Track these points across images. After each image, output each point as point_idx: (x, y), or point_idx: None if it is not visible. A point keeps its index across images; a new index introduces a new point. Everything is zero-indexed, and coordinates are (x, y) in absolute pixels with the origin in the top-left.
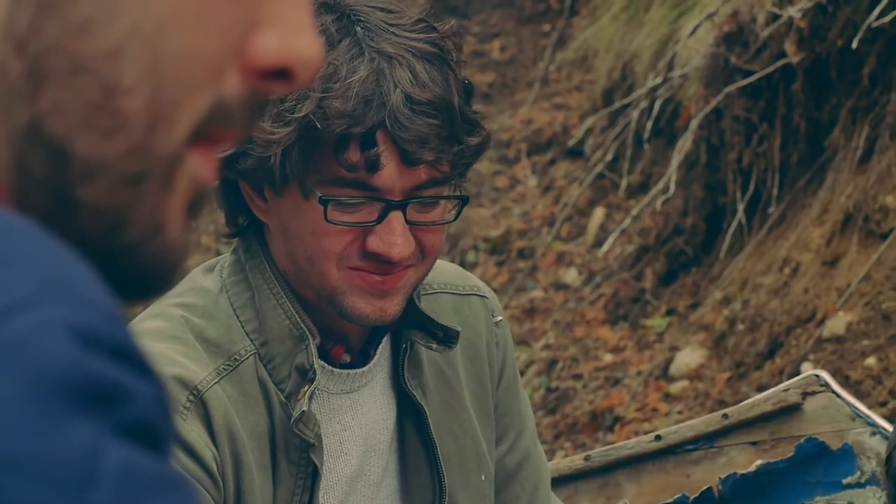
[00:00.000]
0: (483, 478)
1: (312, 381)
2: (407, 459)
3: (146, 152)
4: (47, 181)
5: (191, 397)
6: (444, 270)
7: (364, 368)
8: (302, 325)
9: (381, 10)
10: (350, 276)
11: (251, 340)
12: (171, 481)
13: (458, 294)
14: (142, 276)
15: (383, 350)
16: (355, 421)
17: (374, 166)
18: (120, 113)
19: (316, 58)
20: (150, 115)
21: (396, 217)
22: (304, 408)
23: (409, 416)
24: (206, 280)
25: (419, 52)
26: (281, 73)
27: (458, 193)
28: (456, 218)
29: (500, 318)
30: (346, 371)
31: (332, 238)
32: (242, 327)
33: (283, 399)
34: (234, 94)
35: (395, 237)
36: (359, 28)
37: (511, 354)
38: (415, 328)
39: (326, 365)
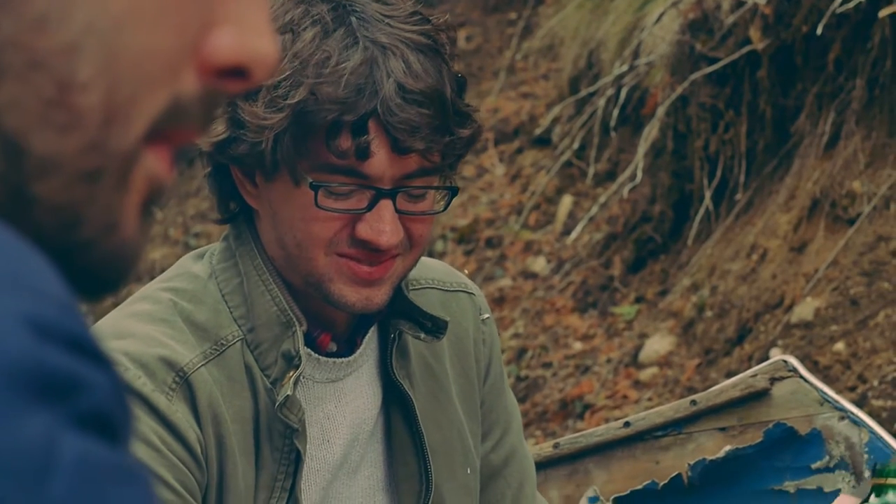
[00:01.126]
0: (469, 471)
1: (298, 366)
2: (393, 449)
3: (102, 149)
4: (2, 176)
5: (177, 378)
6: (433, 267)
7: (350, 358)
8: (289, 311)
9: (376, 1)
10: (338, 264)
11: (238, 326)
12: (128, 472)
13: (446, 290)
14: (96, 273)
15: (370, 340)
16: (339, 410)
17: (364, 154)
18: (75, 109)
19: (273, 57)
20: (105, 111)
21: (386, 205)
22: (289, 392)
23: (396, 406)
24: (195, 266)
25: (413, 42)
26: (237, 72)
27: (447, 184)
28: (445, 209)
29: (487, 315)
30: (333, 360)
31: (322, 224)
32: (230, 313)
33: (269, 385)
34: (191, 92)
35: (384, 225)
36: (353, 18)
37: (497, 352)
38: (403, 318)
39: (312, 353)
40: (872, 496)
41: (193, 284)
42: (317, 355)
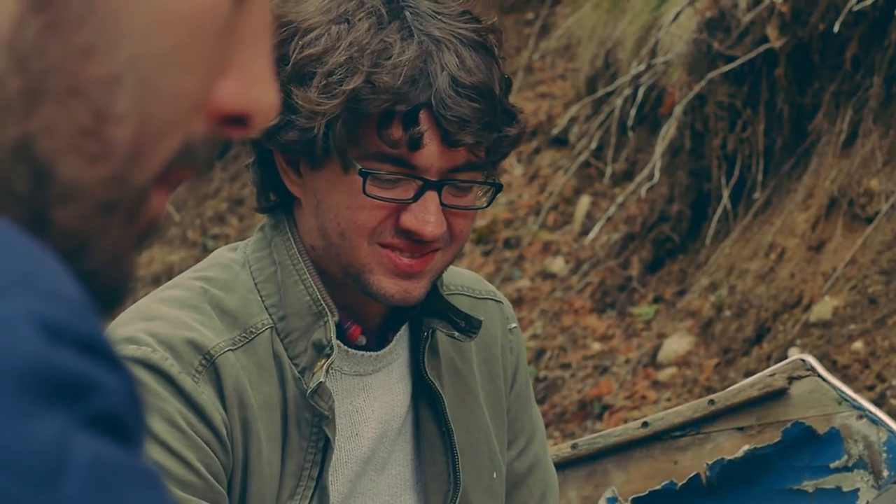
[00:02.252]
0: (495, 475)
1: (329, 355)
2: (422, 448)
3: (123, 183)
4: (27, 198)
5: (203, 361)
6: (463, 275)
7: (379, 352)
8: (322, 301)
9: None
10: (379, 255)
11: (269, 315)
12: (141, 473)
13: (475, 297)
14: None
15: (401, 338)
16: (368, 404)
17: (416, 144)
18: (107, 140)
19: (273, 108)
20: (133, 146)
21: (432, 197)
22: (322, 379)
23: (426, 405)
24: (229, 255)
25: (466, 39)
26: (239, 120)
27: (492, 181)
28: (488, 205)
29: (514, 324)
30: (361, 353)
31: (368, 212)
32: (262, 301)
33: (297, 374)
34: (199, 136)
35: (429, 215)
36: (407, 12)
37: (524, 361)
38: (437, 317)
39: (342, 344)
40: None
41: (226, 274)
42: (346, 347)
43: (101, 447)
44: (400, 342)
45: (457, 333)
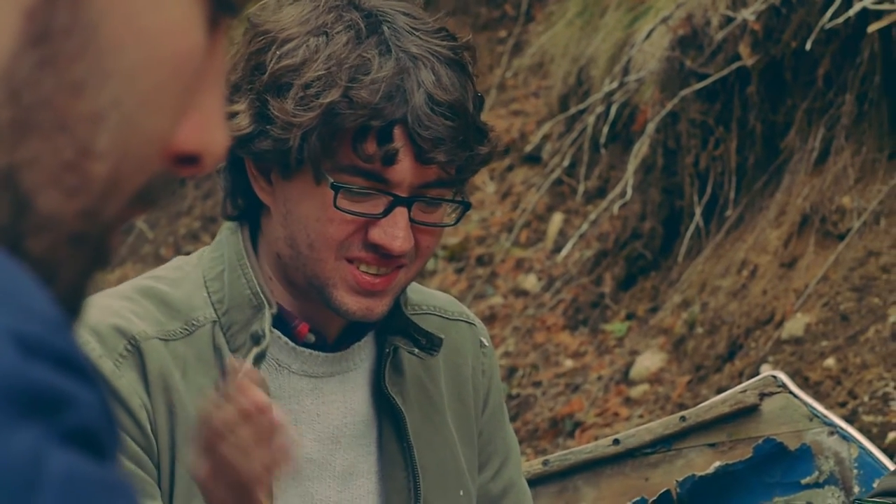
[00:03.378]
0: (461, 493)
1: (259, 342)
2: (382, 463)
3: (95, 217)
4: (5, 226)
5: (128, 346)
6: (437, 296)
7: (331, 354)
8: (261, 294)
9: (405, 14)
10: (344, 271)
11: (215, 310)
12: (114, 487)
13: (447, 318)
14: None
15: (363, 350)
16: (316, 407)
17: (390, 160)
18: (87, 175)
19: (224, 148)
20: (109, 182)
21: (402, 212)
22: (248, 365)
23: (388, 421)
24: (185, 259)
25: (442, 56)
26: (191, 159)
27: (461, 199)
28: (456, 222)
29: (487, 345)
30: (309, 351)
31: (337, 226)
32: (209, 297)
33: None
34: (157, 175)
35: (398, 231)
36: (385, 27)
37: (497, 383)
38: (399, 335)
39: (287, 339)
40: None
41: (176, 273)
42: (293, 344)
43: (75, 461)
44: (361, 354)
45: (417, 350)
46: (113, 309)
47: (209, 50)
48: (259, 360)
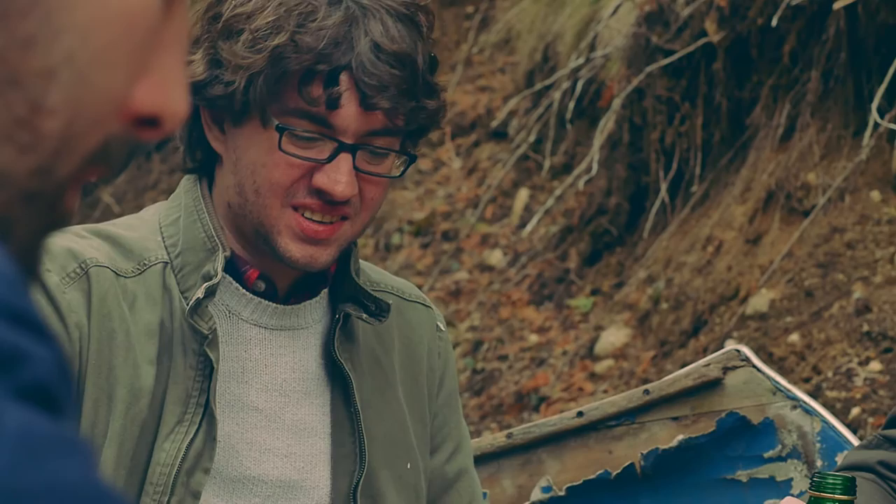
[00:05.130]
0: (409, 466)
1: (211, 279)
2: (333, 429)
3: (48, 174)
4: None
5: (78, 269)
6: (396, 280)
7: (279, 306)
8: (216, 238)
9: None
10: (289, 218)
11: (167, 253)
12: (69, 443)
13: (404, 299)
14: None
15: (318, 316)
16: (264, 359)
17: (334, 104)
18: (39, 132)
19: (184, 112)
20: (61, 140)
21: (346, 158)
22: (199, 295)
23: (338, 386)
24: (147, 208)
25: (393, 10)
26: (151, 122)
27: (407, 151)
28: (401, 175)
29: (444, 330)
30: (258, 299)
31: (282, 170)
32: (163, 241)
33: (186, 307)
34: (115, 136)
35: (341, 176)
36: None
37: (452, 367)
38: (350, 301)
39: (238, 285)
40: None
41: (134, 220)
42: (243, 290)
43: (30, 417)
44: (314, 315)
45: (365, 316)
46: (68, 238)
47: (167, 11)
48: (209, 295)
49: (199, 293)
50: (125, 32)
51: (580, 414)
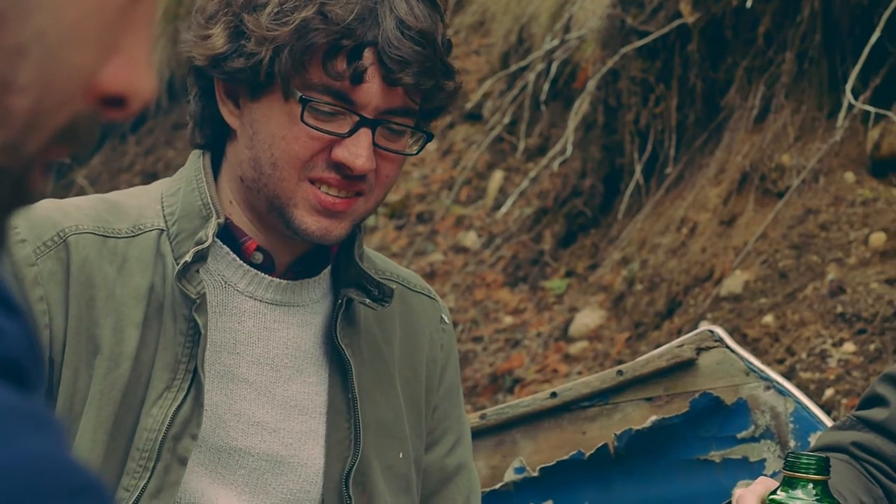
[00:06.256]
0: (401, 455)
1: (202, 244)
2: (329, 413)
3: (15, 151)
4: None
5: (56, 238)
6: (403, 270)
7: (276, 280)
8: (211, 205)
9: None
10: (306, 191)
11: (165, 220)
12: (37, 417)
13: (409, 289)
14: None
15: (317, 296)
16: (257, 332)
17: (358, 78)
18: (8, 108)
19: (150, 92)
20: (30, 116)
21: (366, 133)
22: (188, 259)
23: (336, 370)
24: (152, 183)
25: None
26: (117, 101)
27: (424, 129)
28: (418, 152)
29: (448, 323)
30: (255, 271)
31: (302, 143)
32: (163, 210)
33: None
34: (82, 114)
35: (361, 150)
36: None
37: (455, 360)
38: (353, 286)
39: (235, 255)
40: (780, 491)
41: (138, 190)
42: (240, 261)
43: None
44: (313, 295)
45: (368, 301)
46: (59, 204)
47: None
48: (198, 259)
49: (188, 257)
50: (96, 11)
51: (553, 395)
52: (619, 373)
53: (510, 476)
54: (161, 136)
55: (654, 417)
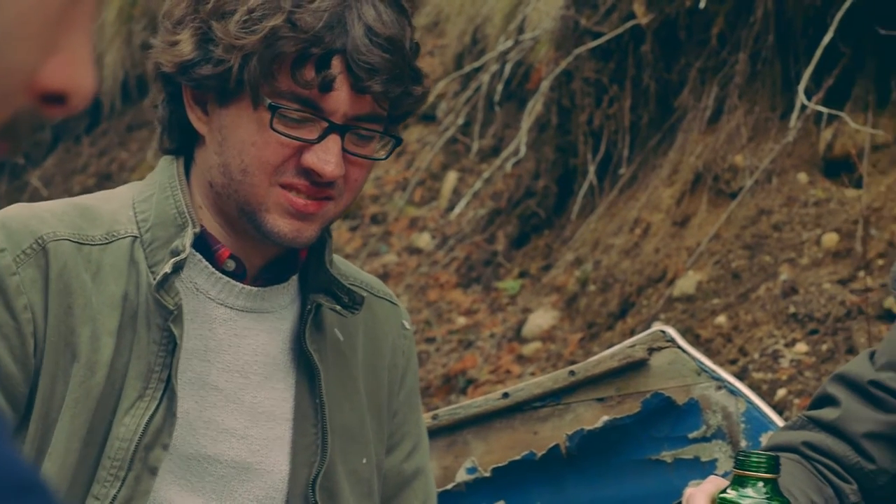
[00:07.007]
0: (364, 461)
1: (179, 254)
2: (296, 419)
3: None
4: None
5: (35, 245)
6: (366, 275)
7: (248, 287)
8: (187, 214)
9: None
10: (277, 195)
11: (138, 227)
12: None
13: (373, 294)
14: None
15: (286, 302)
16: (227, 339)
17: (327, 87)
18: None
19: (91, 91)
20: None
21: (335, 139)
22: (167, 270)
23: (304, 376)
24: (121, 186)
25: None
26: (58, 99)
27: (393, 134)
28: (387, 157)
29: (409, 328)
30: (227, 279)
31: (272, 149)
32: (135, 216)
33: (152, 281)
34: (22, 112)
35: (330, 156)
36: None
37: (414, 366)
38: (323, 293)
39: (207, 263)
40: (730, 489)
41: (109, 194)
42: (212, 269)
43: None
44: (281, 300)
45: (339, 308)
46: (33, 210)
47: None
48: (177, 270)
49: (167, 268)
50: (38, 7)
51: (506, 395)
52: (571, 373)
53: (462, 476)
54: (115, 138)
55: (605, 418)
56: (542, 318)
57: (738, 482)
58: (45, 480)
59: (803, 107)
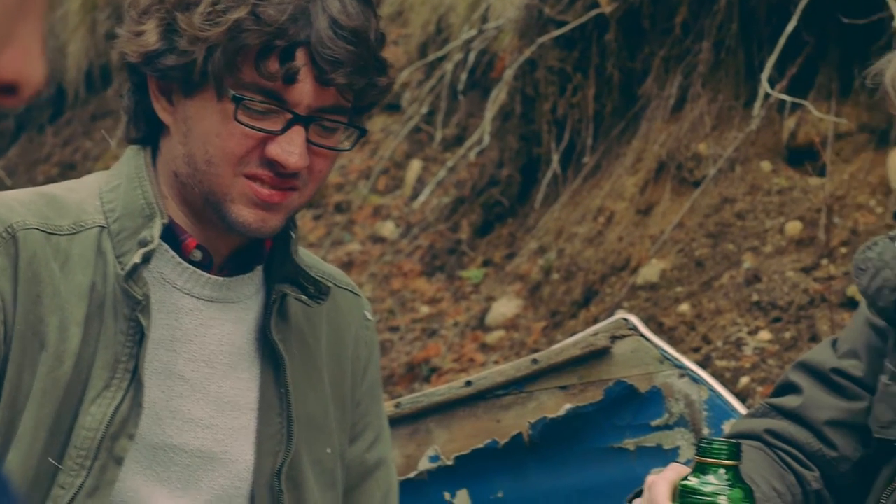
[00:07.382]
0: (329, 451)
1: (147, 244)
2: (261, 409)
3: None
4: None
5: (4, 233)
6: (328, 267)
7: (214, 277)
8: (155, 205)
9: None
10: (242, 185)
11: (105, 217)
12: None
13: (336, 285)
14: None
15: (252, 291)
16: (194, 329)
17: (291, 79)
18: None
19: (41, 79)
20: None
21: (298, 131)
22: (136, 261)
23: (270, 365)
24: (87, 176)
25: None
26: (9, 89)
27: (357, 125)
28: (351, 148)
29: (371, 319)
30: (193, 269)
31: (237, 140)
32: (102, 206)
33: (120, 271)
34: None
35: (294, 147)
36: None
37: (376, 357)
38: (288, 282)
39: (174, 253)
40: (692, 477)
41: (76, 183)
42: (179, 259)
43: None
44: (247, 290)
45: (305, 297)
46: (1, 199)
47: None
48: (145, 260)
49: (136, 258)
50: None
51: (468, 383)
52: (534, 361)
53: (424, 465)
54: (79, 127)
55: (568, 406)
56: (505, 307)
57: (700, 469)
58: (2, 473)
59: (767, 95)
